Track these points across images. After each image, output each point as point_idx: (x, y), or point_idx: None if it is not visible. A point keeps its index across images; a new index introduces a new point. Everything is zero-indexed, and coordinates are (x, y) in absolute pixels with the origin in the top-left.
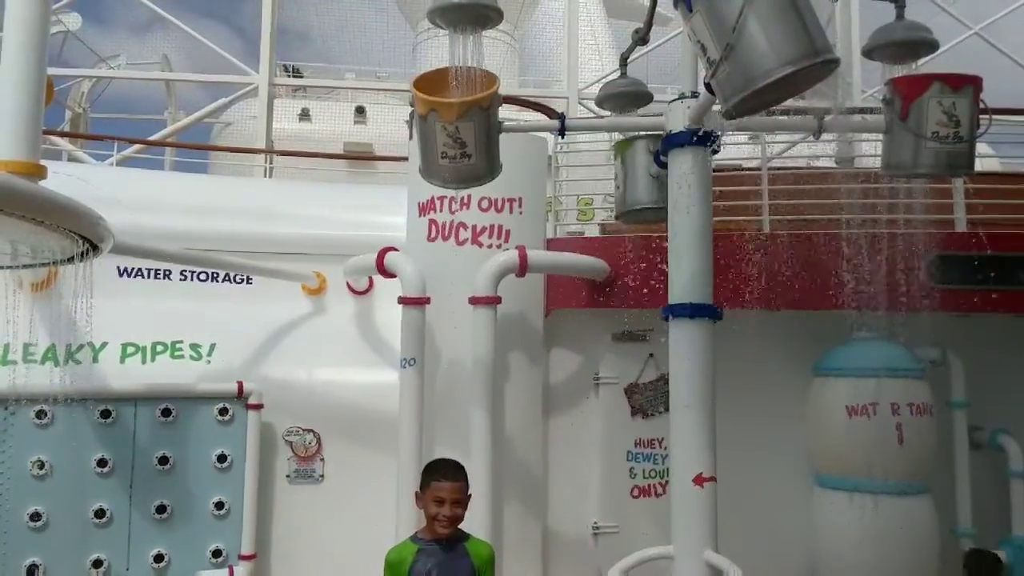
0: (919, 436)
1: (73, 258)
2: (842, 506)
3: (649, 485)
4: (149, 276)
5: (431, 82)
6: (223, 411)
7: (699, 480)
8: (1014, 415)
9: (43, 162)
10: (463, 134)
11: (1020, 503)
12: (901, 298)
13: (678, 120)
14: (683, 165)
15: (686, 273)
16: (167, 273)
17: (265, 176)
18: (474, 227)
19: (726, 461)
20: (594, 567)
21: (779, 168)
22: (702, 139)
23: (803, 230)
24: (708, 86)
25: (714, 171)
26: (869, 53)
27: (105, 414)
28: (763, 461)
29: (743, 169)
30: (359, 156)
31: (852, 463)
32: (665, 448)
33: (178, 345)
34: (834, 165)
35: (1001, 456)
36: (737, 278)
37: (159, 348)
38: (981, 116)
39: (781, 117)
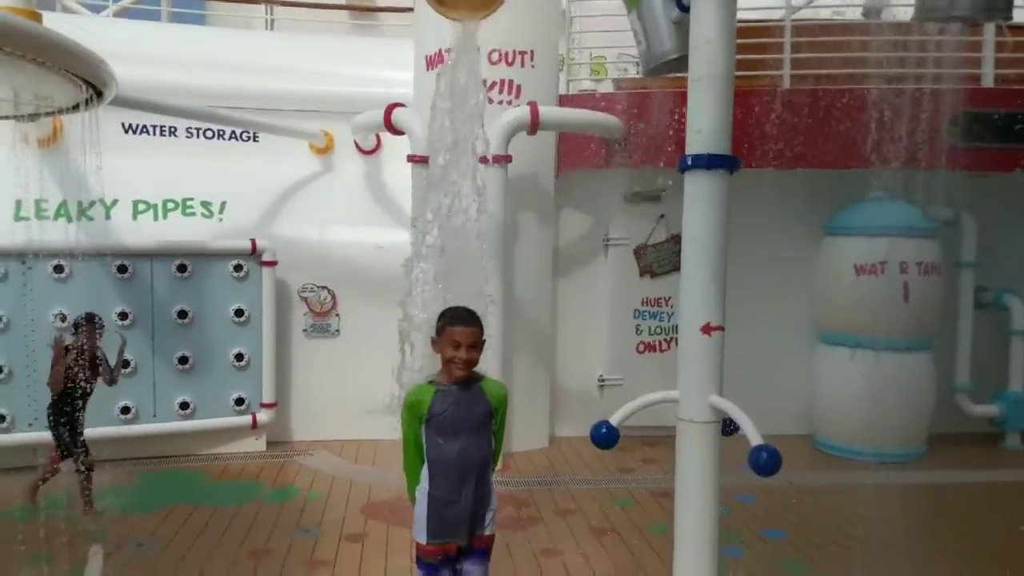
0: (925, 295)
1: (78, 106)
2: (842, 362)
3: (655, 341)
4: (154, 133)
5: None
6: (238, 267)
7: (707, 329)
8: (1021, 276)
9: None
10: None
11: (1020, 360)
12: (920, 157)
13: None
14: (705, 5)
15: (705, 122)
16: (172, 130)
17: (266, 29)
18: (484, 82)
19: (733, 316)
20: (599, 416)
21: (803, 19)
22: None
23: (824, 86)
24: None
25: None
26: None
27: (122, 269)
28: (769, 317)
29: (765, 21)
30: (364, 8)
31: (856, 321)
32: (671, 307)
33: (189, 203)
34: (861, 17)
35: (1004, 315)
36: (754, 136)
37: (170, 205)
38: None
39: None
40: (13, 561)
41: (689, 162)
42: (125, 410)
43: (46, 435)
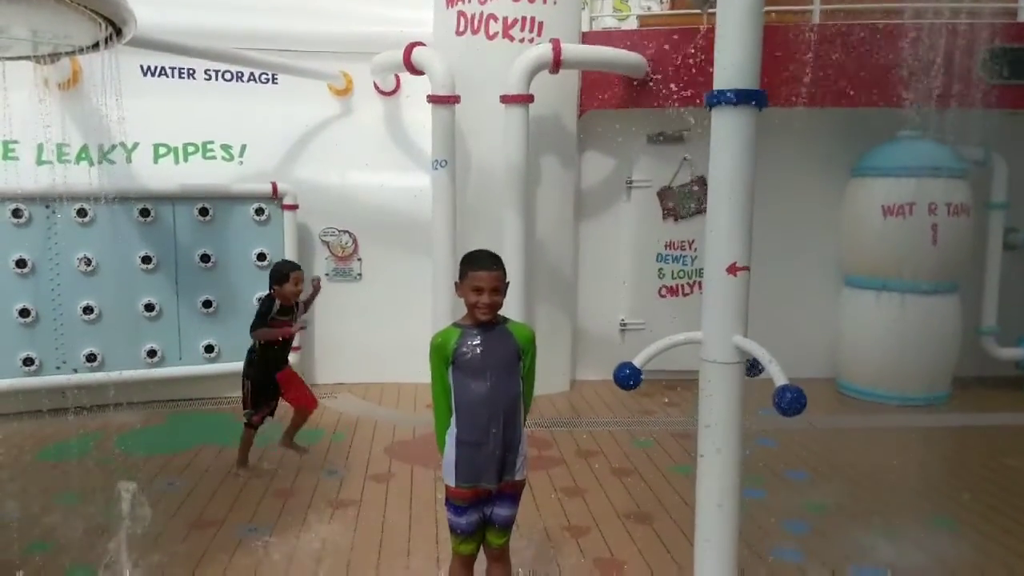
0: (954, 236)
1: (97, 45)
2: (868, 305)
3: (677, 285)
4: (173, 75)
5: None
6: (259, 211)
7: (733, 269)
8: None
9: None
10: None
11: None
12: (952, 94)
13: None
14: None
15: (733, 57)
16: (191, 72)
17: None
18: (505, 19)
19: (758, 257)
20: (621, 361)
21: None
22: None
23: (854, 21)
24: None
25: None
26: None
27: (144, 213)
28: (794, 259)
29: None
30: None
31: (883, 264)
32: (695, 250)
33: (209, 146)
34: None
35: None
36: (782, 74)
37: (191, 149)
38: None
39: None
40: (51, 501)
41: (717, 97)
42: (151, 353)
43: (74, 378)
